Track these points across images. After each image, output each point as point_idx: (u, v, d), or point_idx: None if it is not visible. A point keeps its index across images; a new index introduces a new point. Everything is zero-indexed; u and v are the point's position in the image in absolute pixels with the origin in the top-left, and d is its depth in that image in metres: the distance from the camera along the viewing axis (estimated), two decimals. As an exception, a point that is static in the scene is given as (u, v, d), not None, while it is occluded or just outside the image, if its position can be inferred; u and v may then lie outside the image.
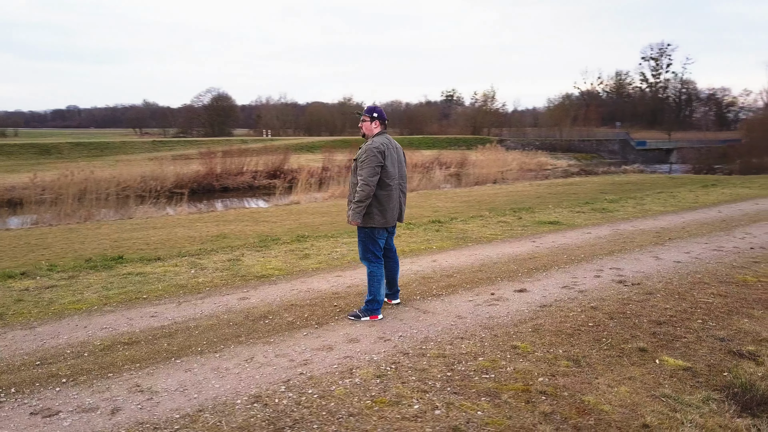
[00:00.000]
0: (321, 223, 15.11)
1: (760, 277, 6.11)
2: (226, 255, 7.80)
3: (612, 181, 30.81)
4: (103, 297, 5.88)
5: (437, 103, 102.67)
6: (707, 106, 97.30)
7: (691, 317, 4.91)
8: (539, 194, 24.07)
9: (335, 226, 14.39)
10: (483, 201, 21.04)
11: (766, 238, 8.23)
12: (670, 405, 3.45)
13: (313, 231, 11.77)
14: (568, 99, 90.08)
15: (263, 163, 38.35)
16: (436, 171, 39.13)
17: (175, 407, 3.49)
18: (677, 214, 10.88)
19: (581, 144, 61.59)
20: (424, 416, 3.34)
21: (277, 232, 13.57)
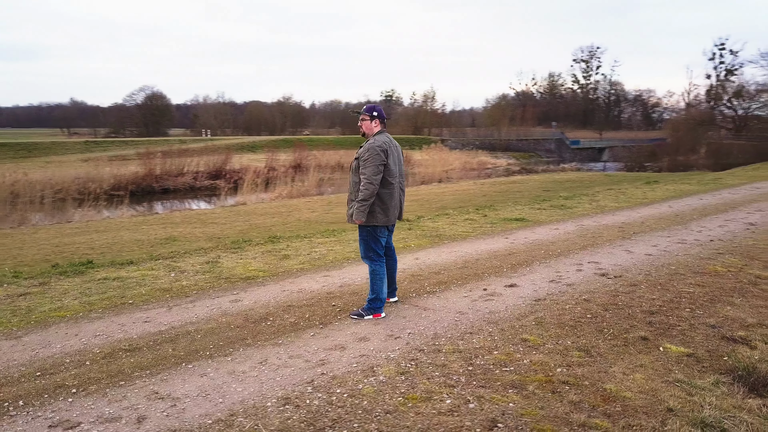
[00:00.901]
0: (272, 225, 14.99)
1: (728, 267, 6.49)
2: (202, 257, 7.61)
3: (552, 179, 31.83)
4: (85, 303, 5.63)
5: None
6: (634, 107, 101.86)
7: (678, 306, 5.17)
8: (485, 193, 24.61)
9: (289, 227, 14.30)
10: (432, 200, 21.35)
11: (720, 231, 8.72)
12: (685, 389, 3.63)
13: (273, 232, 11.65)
14: (504, 99, 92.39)
15: (204, 164, 37.55)
16: (382, 170, 39.20)
17: (203, 413, 3.40)
18: (632, 209, 11.37)
19: (519, 143, 63.30)
20: (458, 410, 3.38)
21: (228, 234, 13.36)
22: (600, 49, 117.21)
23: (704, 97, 78.27)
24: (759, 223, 9.32)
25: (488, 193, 24.22)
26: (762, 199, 12.34)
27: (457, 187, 28.31)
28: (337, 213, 17.92)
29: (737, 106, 60.96)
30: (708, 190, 14.58)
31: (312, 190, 31.86)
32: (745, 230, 8.72)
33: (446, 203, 20.55)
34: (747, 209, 10.93)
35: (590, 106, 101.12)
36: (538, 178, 33.58)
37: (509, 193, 23.99)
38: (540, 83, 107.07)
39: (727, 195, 13.37)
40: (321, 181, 35.14)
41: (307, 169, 37.69)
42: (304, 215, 17.44)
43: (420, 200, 21.87)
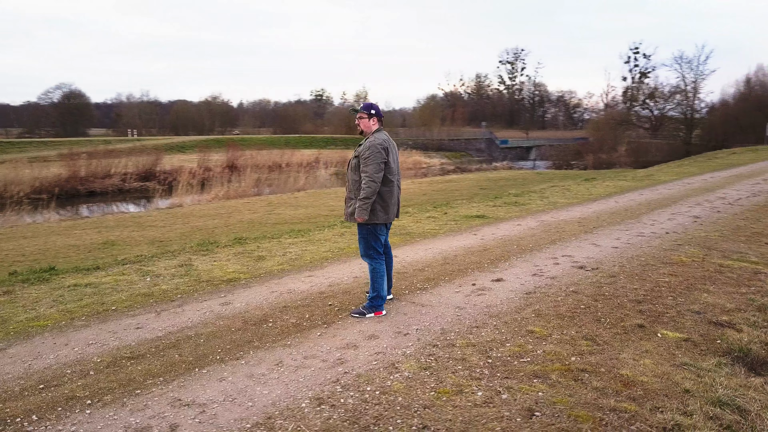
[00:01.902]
0: (214, 227, 14.79)
1: (692, 257, 6.91)
2: (171, 261, 7.35)
3: (487, 177, 32.69)
4: (63, 311, 5.34)
5: (307, 102, 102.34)
6: (557, 107, 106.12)
7: (661, 295, 5.47)
8: (425, 192, 25.00)
9: (230, 229, 14.12)
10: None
11: (671, 224, 9.25)
12: (693, 372, 3.86)
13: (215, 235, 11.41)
14: (434, 100, 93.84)
15: (133, 165, 36.19)
16: (321, 170, 39.17)
17: (237, 417, 3.32)
18: (583, 205, 11.87)
19: (451, 143, 64.46)
20: (493, 401, 3.46)
21: (169, 237, 13.05)
22: (524, 51, 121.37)
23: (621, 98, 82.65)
24: (702, 216, 9.94)
25: (428, 192, 24.61)
26: (696, 194, 13.16)
27: (397, 186, 28.47)
28: (280, 214, 17.77)
29: (653, 107, 64.56)
30: (644, 186, 15.39)
31: (249, 191, 31.33)
32: (693, 223, 9.28)
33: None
34: (687, 203, 11.63)
35: (516, 107, 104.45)
36: (473, 176, 34.37)
37: (448, 192, 24.46)
38: (468, 84, 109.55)
39: (663, 190, 14.17)
40: (258, 181, 34.61)
41: (243, 169, 37.00)
42: (246, 216, 17.20)
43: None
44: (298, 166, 39.42)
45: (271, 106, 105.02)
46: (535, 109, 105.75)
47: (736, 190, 13.61)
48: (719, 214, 10.04)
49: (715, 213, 10.21)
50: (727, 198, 12.23)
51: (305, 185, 34.54)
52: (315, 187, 33.12)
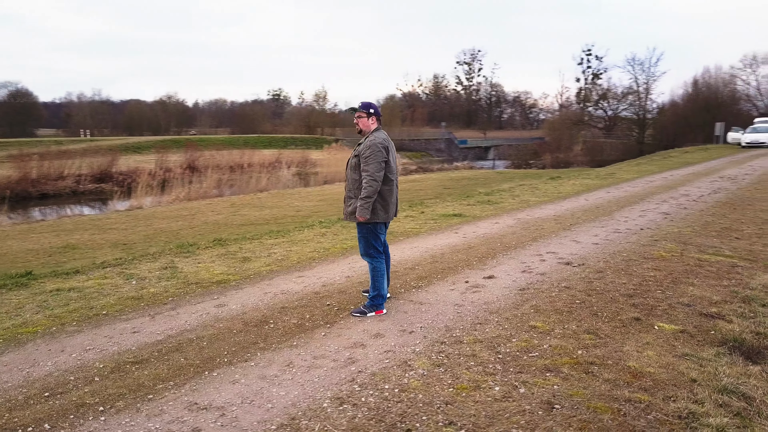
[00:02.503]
0: (179, 229, 14.61)
1: (670, 252, 7.14)
2: (153, 263, 7.19)
3: (450, 177, 33.01)
4: (51, 317, 5.17)
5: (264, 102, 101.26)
6: (513, 108, 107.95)
7: (650, 289, 5.64)
8: (390, 191, 24.89)
9: (196, 230, 13.97)
10: (340, 199, 21.38)
11: (643, 221, 9.54)
12: (695, 362, 4.00)
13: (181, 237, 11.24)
14: (392, 100, 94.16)
15: (88, 166, 35.15)
16: (283, 170, 38.86)
17: (259, 419, 3.28)
18: (554, 203, 12.12)
19: (411, 143, 64.84)
20: (511, 396, 3.52)
21: (133, 239, 12.81)
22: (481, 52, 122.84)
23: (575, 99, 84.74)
24: (671, 212, 10.29)
25: (393, 192, 24.60)
26: (660, 192, 13.60)
27: (360, 186, 28.50)
28: (245, 215, 17.59)
29: (606, 108, 66.33)
30: (609, 184, 15.81)
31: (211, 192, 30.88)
32: (663, 219, 9.60)
33: None
34: (653, 201, 12.01)
35: (473, 107, 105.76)
36: (435, 176, 34.64)
37: (413, 192, 24.59)
38: (426, 84, 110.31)
39: (629, 188, 14.58)
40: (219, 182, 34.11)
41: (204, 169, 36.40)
42: (210, 218, 17.00)
43: (329, 199, 21.91)
44: (260, 167, 39.00)
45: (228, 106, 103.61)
46: (492, 109, 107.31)
47: (697, 188, 14.12)
48: (686, 211, 10.41)
49: (682, 209, 10.58)
50: (690, 195, 12.68)
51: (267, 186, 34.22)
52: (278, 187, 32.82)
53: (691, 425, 3.19)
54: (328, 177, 39.21)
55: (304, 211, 18.33)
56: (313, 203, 20.62)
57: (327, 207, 19.59)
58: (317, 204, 20.39)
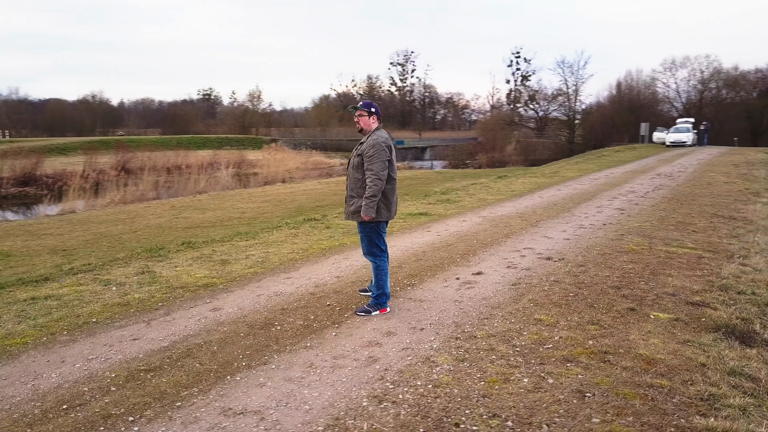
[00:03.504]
0: (120, 233, 14.26)
1: (639, 246, 7.50)
2: (126, 269, 6.90)
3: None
4: (37, 327, 4.90)
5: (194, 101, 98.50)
6: (447, 109, 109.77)
7: (634, 281, 5.91)
8: (335, 192, 25.05)
9: (139, 234, 13.64)
10: (284, 201, 21.35)
11: (602, 216, 9.96)
12: (698, 347, 4.24)
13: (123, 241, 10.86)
14: (326, 101, 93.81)
15: (9, 169, 33.25)
16: (222, 171, 38.03)
17: (302, 421, 3.25)
18: (512, 201, 12.45)
19: (350, 143, 64.76)
20: (542, 386, 3.62)
21: (72, 245, 12.38)
22: (414, 53, 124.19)
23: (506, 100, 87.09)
24: (626, 208, 10.78)
25: (338, 192, 24.64)
26: (607, 189, 14.21)
27: (304, 186, 28.40)
28: (188, 218, 17.19)
29: (537, 108, 68.53)
30: (557, 182, 16.37)
31: (148, 194, 29.93)
32: (620, 215, 10.05)
33: (301, 203, 20.61)
34: (604, 197, 12.55)
35: (408, 108, 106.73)
36: (377, 176, 34.75)
37: (358, 191, 24.61)
38: (360, 85, 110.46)
39: (577, 186, 15.16)
40: (157, 184, 33.06)
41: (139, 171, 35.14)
42: (151, 221, 16.58)
43: (272, 201, 21.69)
44: (198, 168, 37.95)
45: (156, 106, 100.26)
46: (425, 110, 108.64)
47: (639, 185, 14.84)
48: (639, 207, 10.94)
49: (634, 205, 11.11)
50: (636, 192, 13.32)
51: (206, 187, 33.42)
52: (216, 189, 32.11)
53: (714, 406, 3.38)
54: (269, 178, 38.70)
55: (248, 213, 18.06)
56: (256, 205, 20.33)
57: (272, 208, 19.36)
58: (261, 206, 20.14)
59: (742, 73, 53.35)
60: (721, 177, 16.09)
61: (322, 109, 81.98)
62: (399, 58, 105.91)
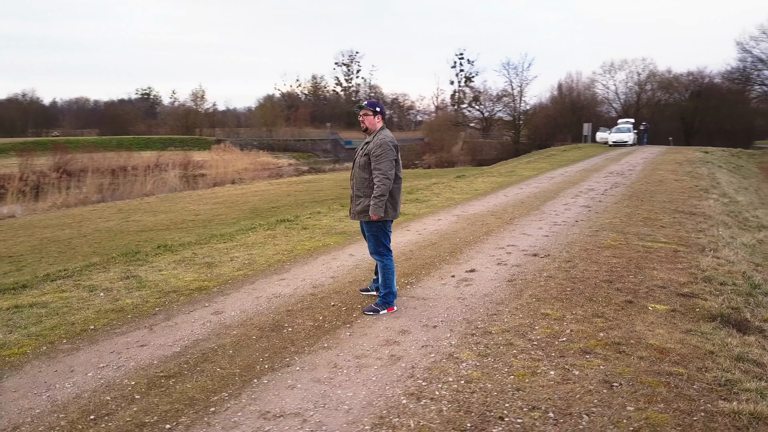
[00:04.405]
0: (69, 238, 13.96)
1: (617, 241, 7.77)
2: (107, 274, 6.65)
3: (344, 177, 33.17)
4: (31, 336, 4.68)
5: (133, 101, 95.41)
6: (392, 109, 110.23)
7: (622, 275, 6.13)
8: (289, 193, 24.91)
9: (90, 239, 13.32)
10: (237, 202, 21.11)
11: (572, 214, 10.27)
12: (700, 335, 4.45)
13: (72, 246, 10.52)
14: (270, 100, 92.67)
15: (-67, 171, 31.51)
16: (169, 173, 37.07)
17: (347, 421, 3.24)
18: (478, 200, 12.66)
19: (297, 144, 64.30)
20: (570, 378, 3.73)
21: (18, 251, 12.08)
22: (359, 53, 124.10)
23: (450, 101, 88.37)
24: (591, 205, 11.15)
25: (291, 193, 24.51)
26: (568, 187, 14.66)
27: (255, 188, 28.06)
28: (139, 221, 16.79)
29: (482, 109, 69.85)
30: (516, 181, 16.76)
31: (92, 197, 28.97)
32: (588, 211, 10.39)
33: (255, 204, 20.38)
34: (567, 195, 12.94)
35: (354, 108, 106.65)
36: (330, 177, 34.76)
37: (312, 192, 24.55)
38: (304, 85, 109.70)
39: (537, 184, 15.56)
40: (101, 186, 31.93)
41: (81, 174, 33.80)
42: (100, 225, 16.16)
43: (225, 202, 21.36)
44: (144, 170, 36.85)
45: (92, 105, 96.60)
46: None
47: (596, 183, 15.36)
48: (602, 204, 11.33)
49: (598, 203, 11.50)
50: (596, 190, 13.79)
51: (153, 189, 32.63)
52: (164, 191, 31.39)
53: (733, 390, 3.57)
54: (218, 179, 38.01)
55: (203, 215, 17.75)
56: (209, 207, 20.00)
57: (226, 210, 19.05)
58: (214, 207, 19.82)
59: (675, 75, 56.02)
60: (670, 175, 16.85)
61: (267, 109, 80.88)
62: (344, 59, 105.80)
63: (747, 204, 13.05)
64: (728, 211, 10.78)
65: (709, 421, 3.21)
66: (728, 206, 11.48)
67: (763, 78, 50.26)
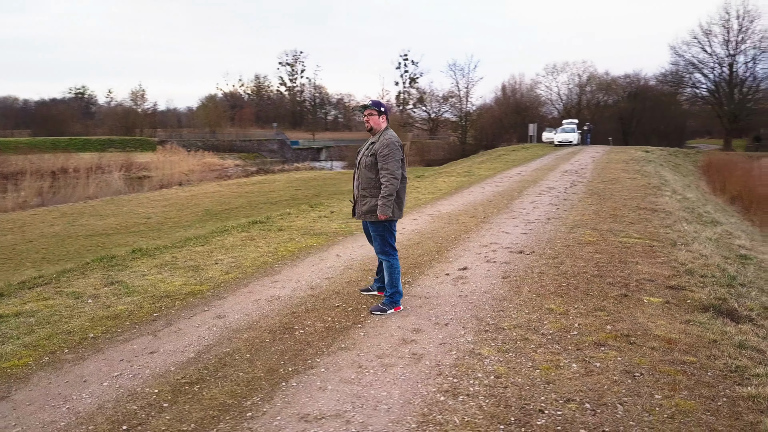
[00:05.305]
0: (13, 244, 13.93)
1: (594, 237, 8.03)
2: (86, 280, 6.38)
3: (295, 178, 33.05)
4: (28, 346, 4.48)
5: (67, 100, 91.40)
6: (337, 110, 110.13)
7: (609, 270, 6.35)
8: (240, 194, 24.60)
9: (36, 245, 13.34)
10: (187, 204, 20.74)
11: (540, 211, 10.54)
12: (699, 325, 4.67)
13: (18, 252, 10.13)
14: (212, 100, 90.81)
15: None
16: (114, 175, 35.82)
17: (391, 420, 3.26)
18: (446, 199, 12.81)
19: (243, 144, 63.24)
20: (593, 370, 3.85)
21: None
22: (303, 53, 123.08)
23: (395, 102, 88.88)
24: (557, 203, 11.48)
25: (243, 195, 24.21)
26: (528, 186, 15.02)
27: (204, 190, 27.52)
28: (86, 225, 16.32)
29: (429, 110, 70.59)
30: (476, 181, 17.03)
31: (32, 201, 27.74)
32: (556, 209, 10.68)
33: (206, 207, 20.04)
34: (531, 194, 13.26)
35: (298, 108, 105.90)
36: (280, 177, 34.39)
37: (264, 194, 24.30)
38: (247, 85, 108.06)
39: (497, 184, 15.87)
40: (41, 190, 30.54)
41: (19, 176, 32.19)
42: (45, 230, 15.65)
43: (175, 205, 20.91)
44: (86, 172, 35.42)
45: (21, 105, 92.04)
46: (316, 110, 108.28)
47: (555, 182, 15.80)
48: (567, 202, 11.68)
49: (563, 201, 11.85)
50: (556, 188, 14.19)
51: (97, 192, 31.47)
52: (108, 194, 30.33)
53: (745, 376, 3.77)
54: (164, 181, 36.98)
55: (154, 218, 17.37)
56: (159, 209, 19.57)
57: (177, 213, 18.65)
58: (164, 210, 19.41)
59: (613, 78, 58.25)
60: (622, 174, 17.51)
61: (210, 109, 79.19)
62: (288, 58, 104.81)
63: (696, 200, 13.72)
64: (684, 207, 11.30)
65: (733, 406, 3.38)
66: (682, 203, 12.04)
67: (694, 80, 52.95)
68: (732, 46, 49.87)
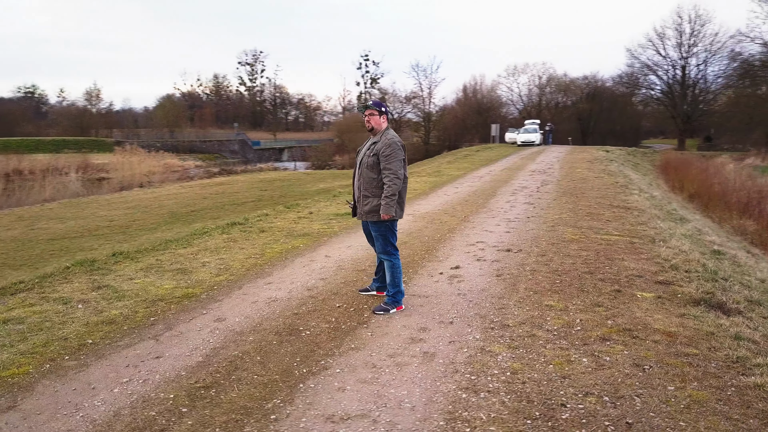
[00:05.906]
0: None
1: (577, 235, 8.20)
2: (70, 285, 6.20)
3: (259, 179, 32.76)
4: (25, 354, 4.34)
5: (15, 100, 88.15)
6: (298, 110, 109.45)
7: (598, 266, 6.50)
8: (204, 196, 24.30)
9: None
10: (151, 207, 20.42)
11: (518, 211, 10.70)
12: (695, 318, 4.83)
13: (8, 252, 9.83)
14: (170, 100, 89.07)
15: None
16: (71, 176, 34.80)
17: (418, 418, 3.28)
18: (423, 199, 12.87)
19: (203, 145, 62.19)
20: (604, 365, 3.95)
21: None
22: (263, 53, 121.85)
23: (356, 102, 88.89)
24: (533, 202, 11.67)
25: (208, 196, 23.89)
26: (501, 185, 15.23)
27: (167, 191, 27.03)
28: (46, 229, 15.94)
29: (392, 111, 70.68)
30: (448, 181, 17.17)
31: (-17, 204, 26.75)
32: (533, 208, 10.87)
33: (171, 209, 19.72)
34: (504, 193, 13.45)
35: (258, 108, 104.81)
36: (243, 178, 34.04)
37: (229, 195, 24.03)
38: (206, 84, 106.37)
39: (470, 184, 16.04)
40: (-7, 192, 29.46)
41: (-30, 179, 30.96)
42: (3, 234, 15.42)
43: (138, 207, 20.52)
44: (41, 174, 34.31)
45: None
46: (277, 110, 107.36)
47: (525, 181, 16.07)
48: (542, 201, 11.89)
49: (538, 199, 12.06)
50: (529, 188, 14.43)
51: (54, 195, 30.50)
52: (66, 196, 29.44)
53: (747, 365, 3.92)
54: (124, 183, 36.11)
55: (117, 221, 17.02)
56: (121, 212, 19.20)
57: (142, 215, 18.30)
58: (128, 213, 19.04)
59: (572, 79, 59.54)
60: (589, 173, 17.93)
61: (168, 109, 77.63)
62: (247, 58, 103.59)
63: (662, 198, 14.15)
64: (654, 205, 11.64)
65: (742, 395, 3.51)
66: (651, 201, 12.40)
67: (649, 82, 54.56)
68: (684, 49, 51.64)
